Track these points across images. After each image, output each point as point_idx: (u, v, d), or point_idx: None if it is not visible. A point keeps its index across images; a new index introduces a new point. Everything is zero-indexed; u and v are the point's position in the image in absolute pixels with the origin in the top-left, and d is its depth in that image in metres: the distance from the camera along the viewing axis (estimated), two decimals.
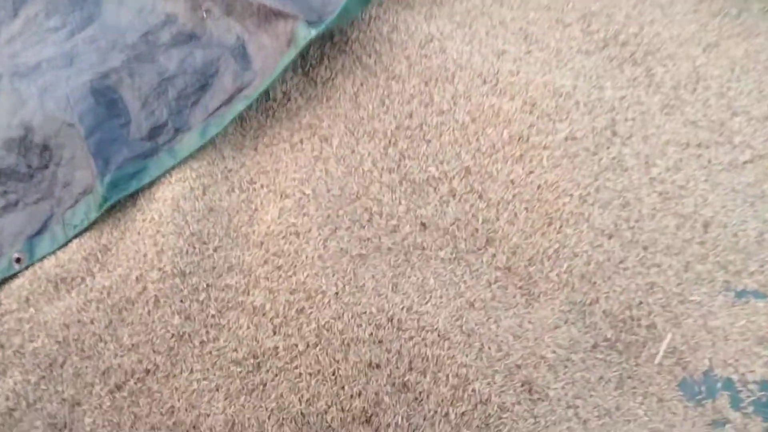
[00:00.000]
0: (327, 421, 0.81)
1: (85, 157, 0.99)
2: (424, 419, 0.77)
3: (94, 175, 0.95)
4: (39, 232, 1.02)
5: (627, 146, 0.96)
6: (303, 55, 1.01)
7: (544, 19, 1.03)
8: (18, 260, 1.01)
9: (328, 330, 0.83)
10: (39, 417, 0.87)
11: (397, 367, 0.79)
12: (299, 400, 0.82)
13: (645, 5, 1.08)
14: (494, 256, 0.91)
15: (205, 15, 1.01)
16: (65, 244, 1.00)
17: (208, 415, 0.84)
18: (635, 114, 0.99)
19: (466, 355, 0.78)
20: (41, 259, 0.99)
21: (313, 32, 0.87)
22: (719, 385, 0.85)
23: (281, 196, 0.93)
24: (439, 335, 0.80)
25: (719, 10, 1.11)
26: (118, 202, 1.00)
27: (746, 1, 1.14)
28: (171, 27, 1.04)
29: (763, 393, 0.85)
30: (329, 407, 0.80)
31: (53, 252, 1.00)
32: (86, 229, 0.99)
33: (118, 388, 0.89)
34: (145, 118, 0.99)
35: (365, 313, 0.82)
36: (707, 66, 1.07)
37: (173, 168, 0.96)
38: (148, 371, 0.89)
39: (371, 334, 0.81)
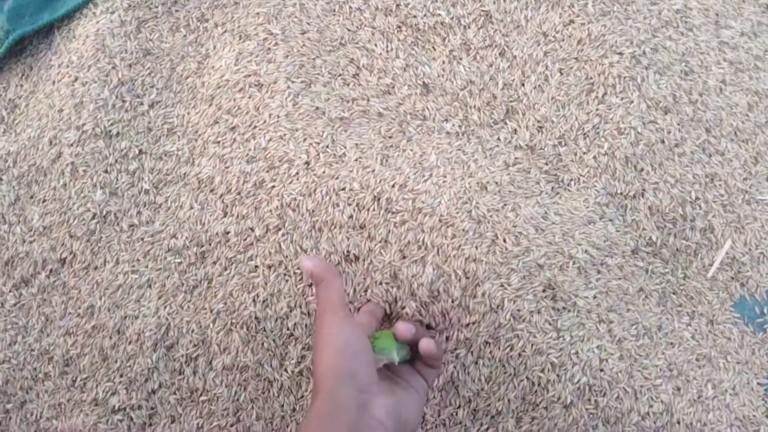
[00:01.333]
0: (288, 328, 0.62)
1: None
2: None
3: None
4: None
5: None
6: None
7: None
8: None
9: (294, 210, 0.63)
10: None
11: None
12: (253, 300, 0.63)
13: None
14: (515, 131, 0.70)
15: None
16: None
17: (137, 317, 0.65)
18: None
19: (475, 247, 0.59)
20: None
21: None
22: None
23: (240, 37, 0.70)
24: (440, 220, 0.60)
25: None
26: (30, 42, 0.77)
27: None
28: None
29: None
30: (291, 310, 0.62)
31: None
32: None
33: (26, 282, 0.70)
34: None
35: (344, 189, 0.62)
36: None
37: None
38: (63, 261, 0.69)
39: (350, 216, 0.61)
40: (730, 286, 0.69)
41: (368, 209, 0.61)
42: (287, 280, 0.62)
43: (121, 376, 0.65)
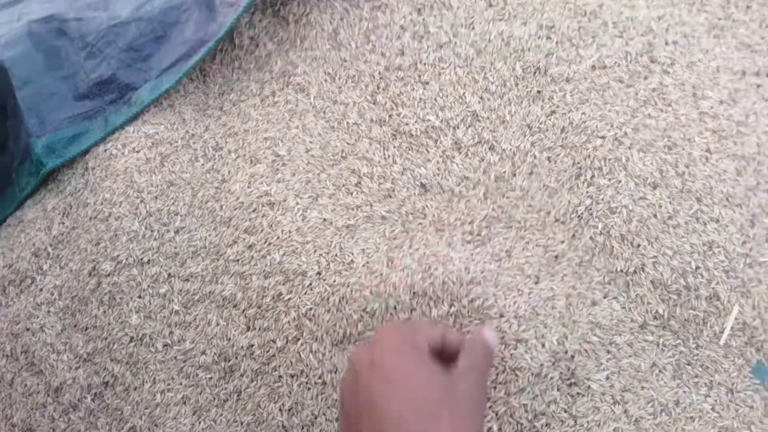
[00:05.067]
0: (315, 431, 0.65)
1: (19, 109, 0.85)
2: None
3: (28, 134, 0.81)
4: (1, 190, 0.89)
5: (669, 75, 0.78)
6: None
7: None
8: None
9: (310, 320, 0.67)
10: None
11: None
12: (280, 409, 0.67)
13: None
14: (512, 217, 0.74)
15: None
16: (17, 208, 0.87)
17: None
18: (677, 36, 0.81)
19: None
20: None
21: None
22: None
23: (251, 161, 0.77)
24: (451, 322, 0.64)
25: None
26: (70, 183, 0.85)
27: None
28: None
29: None
30: (316, 417, 0.65)
31: (1, 251, 0.86)
32: (35, 221, 0.85)
33: (73, 407, 0.75)
34: (90, 71, 0.84)
35: (355, 297, 0.66)
36: None
37: (124, 135, 0.81)
38: (106, 384, 0.75)
39: (363, 323, 0.65)
40: (745, 351, 0.70)
41: (378, 315, 0.65)
42: (309, 389, 0.66)
43: None
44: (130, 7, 0.84)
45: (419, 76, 0.77)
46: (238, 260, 0.73)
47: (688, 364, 0.69)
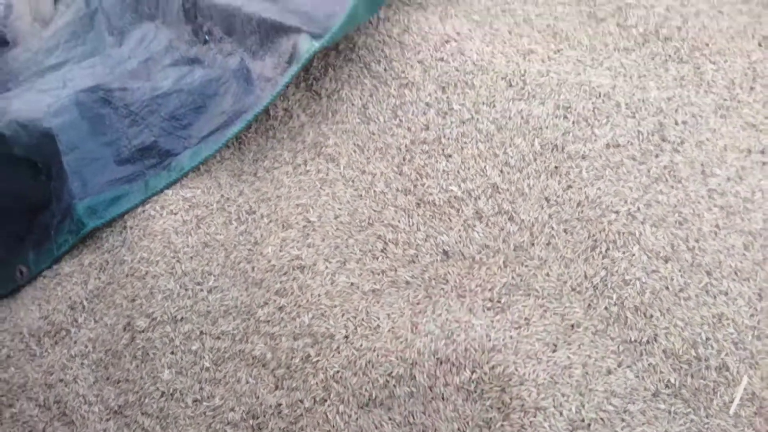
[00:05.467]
0: None
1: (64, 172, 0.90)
2: None
3: (70, 196, 0.86)
4: (39, 245, 0.93)
5: (679, 153, 0.83)
6: (306, 67, 0.91)
7: (575, 14, 0.91)
8: (21, 273, 0.93)
9: (337, 382, 0.71)
10: None
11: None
12: None
13: None
14: (531, 286, 0.78)
15: (207, 38, 0.92)
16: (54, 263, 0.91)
17: None
18: (686, 117, 0.86)
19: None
20: (24, 312, 0.89)
21: (317, 45, 0.77)
22: None
23: (283, 226, 0.82)
24: (471, 389, 0.67)
25: None
26: (107, 240, 0.90)
27: None
28: (173, 53, 0.95)
29: None
30: None
31: (38, 302, 0.90)
32: (72, 274, 0.89)
33: None
34: (133, 138, 0.89)
35: (381, 361, 0.70)
36: (765, 61, 0.93)
37: (163, 197, 0.86)
38: None
39: (388, 387, 0.69)
40: (754, 421, 0.72)
41: (404, 379, 0.69)
42: None
43: None
44: (172, 78, 0.91)
45: (443, 150, 0.82)
46: (268, 321, 0.77)
47: (700, 431, 0.72)
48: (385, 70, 0.85)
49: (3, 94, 1.02)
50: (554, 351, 0.73)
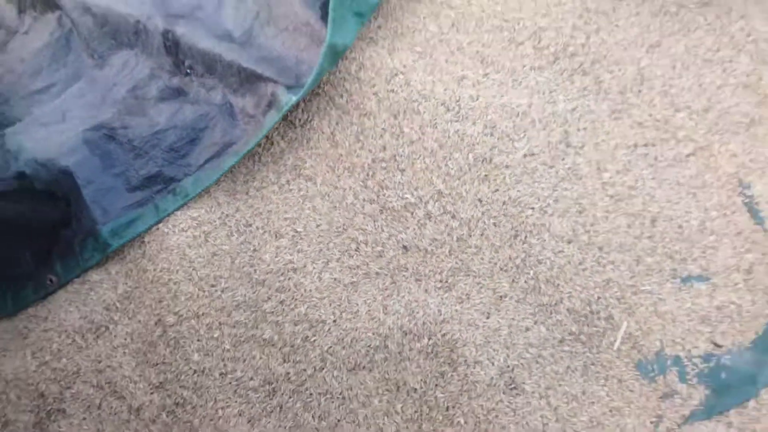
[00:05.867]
0: (340, 429, 0.94)
1: (80, 202, 1.07)
2: (426, 424, 0.91)
3: (94, 221, 1.04)
4: (63, 258, 1.11)
5: (580, 155, 1.07)
6: None
7: (498, 40, 1.10)
8: (51, 281, 1.12)
9: (331, 355, 0.96)
10: None
11: (398, 385, 0.93)
12: (312, 417, 0.95)
13: (590, 15, 1.15)
14: (470, 268, 1.03)
15: (189, 72, 1.07)
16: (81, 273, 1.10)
17: None
18: (586, 123, 1.09)
19: (455, 366, 0.92)
20: (64, 313, 1.09)
21: (294, 98, 0.95)
22: (669, 362, 1.00)
23: (276, 236, 1.03)
24: (428, 351, 0.93)
25: (659, 9, 1.19)
26: (128, 253, 1.09)
27: None
28: (157, 81, 1.10)
29: (705, 365, 1.00)
30: (339, 421, 0.94)
31: (75, 305, 1.10)
32: (102, 281, 1.09)
33: (152, 421, 1.02)
34: (139, 168, 1.07)
35: (362, 338, 0.95)
36: (651, 66, 1.15)
37: (174, 217, 1.05)
38: (177, 404, 1.02)
39: (369, 355, 0.94)
40: (630, 353, 1.01)
41: (380, 349, 0.94)
42: (333, 402, 0.94)
43: None
44: (165, 115, 1.07)
45: (398, 166, 1.04)
46: (272, 312, 1.00)
47: (592, 365, 1.00)
48: (346, 102, 1.04)
49: (7, 129, 1.15)
50: (488, 318, 0.99)
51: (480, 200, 1.04)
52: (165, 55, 1.12)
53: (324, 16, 0.97)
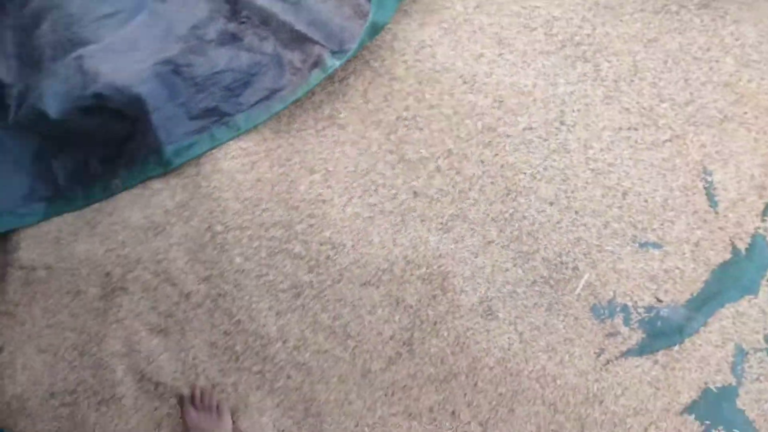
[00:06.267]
0: (349, 329, 1.19)
1: (148, 124, 1.28)
2: (415, 326, 1.16)
3: (158, 142, 1.25)
4: (127, 167, 1.33)
5: (571, 133, 1.27)
6: None
7: (515, 24, 1.27)
8: (116, 185, 1.34)
9: (348, 271, 1.19)
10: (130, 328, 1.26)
11: (399, 300, 1.17)
12: (328, 317, 1.20)
13: (599, 8, 1.31)
14: (467, 216, 1.25)
15: (245, 20, 1.25)
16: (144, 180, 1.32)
17: (265, 326, 1.23)
18: (581, 105, 1.28)
19: (450, 292, 1.16)
20: (129, 212, 1.32)
21: (338, 63, 1.14)
22: (618, 309, 1.23)
23: (310, 171, 1.25)
24: (425, 278, 1.16)
25: (662, 7, 1.35)
26: (186, 170, 1.31)
27: None
28: (215, 24, 1.29)
29: (646, 314, 1.23)
30: (348, 323, 1.19)
31: (138, 206, 1.33)
32: (162, 190, 1.32)
33: (199, 306, 1.27)
34: (199, 101, 1.27)
35: (373, 262, 1.18)
36: (645, 60, 1.33)
37: (226, 146, 1.26)
38: (219, 295, 1.26)
39: (377, 275, 1.18)
40: (588, 298, 1.24)
41: (387, 271, 1.17)
42: (345, 308, 1.19)
43: None
44: (224, 58, 1.26)
45: (417, 125, 1.24)
46: (303, 232, 1.23)
47: (556, 304, 1.24)
48: (380, 66, 1.23)
49: (81, 48, 1.33)
50: (476, 257, 1.22)
51: (482, 161, 1.25)
52: (224, 1, 1.30)
53: None
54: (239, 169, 1.26)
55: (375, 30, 1.15)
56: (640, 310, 1.23)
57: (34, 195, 1.32)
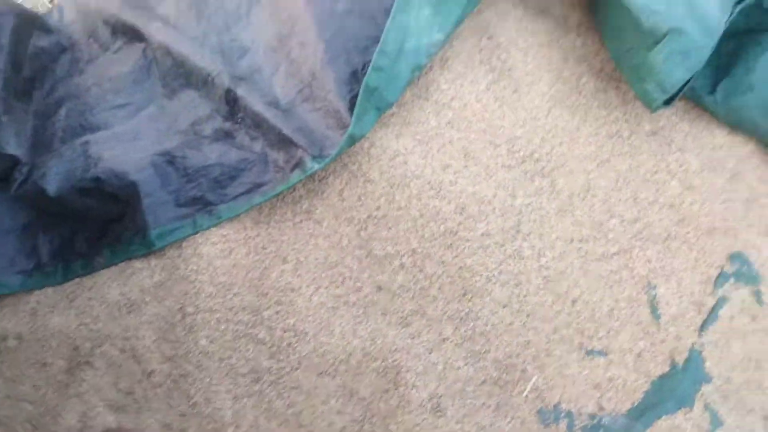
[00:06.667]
0: (301, 418, 1.24)
1: (138, 208, 1.38)
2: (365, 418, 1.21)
3: (145, 225, 1.34)
4: (112, 245, 1.40)
5: (526, 241, 1.37)
6: None
7: (481, 141, 1.41)
8: (99, 262, 1.40)
9: (307, 360, 1.26)
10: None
11: (353, 392, 1.23)
12: (283, 404, 1.25)
13: (557, 130, 1.45)
14: (425, 312, 1.33)
15: (239, 121, 1.38)
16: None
17: (221, 409, 1.27)
18: (536, 216, 1.39)
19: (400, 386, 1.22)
20: (107, 288, 1.39)
21: (317, 167, 1.26)
22: (563, 414, 1.30)
23: (283, 260, 1.34)
24: (380, 371, 1.23)
25: (615, 132, 1.50)
26: (168, 252, 1.39)
27: (638, 124, 1.52)
28: (213, 122, 1.41)
29: (589, 422, 1.29)
30: (301, 411, 1.24)
31: (116, 283, 1.40)
32: (143, 269, 1.39)
33: (159, 385, 1.31)
34: (188, 191, 1.38)
35: (332, 351, 1.25)
36: (598, 178, 1.46)
37: (208, 233, 1.36)
38: (181, 375, 1.31)
39: (335, 367, 1.24)
40: (534, 401, 1.30)
41: (345, 362, 1.24)
42: (301, 396, 1.24)
43: None
44: (216, 153, 1.37)
45: (386, 224, 1.34)
46: (269, 318, 1.30)
47: (504, 405, 1.29)
48: (357, 169, 1.35)
49: (90, 134, 1.45)
50: (430, 353, 1.29)
51: (443, 262, 1.34)
52: (224, 104, 1.44)
53: (351, 108, 1.28)
54: (218, 254, 1.35)
55: (353, 140, 1.28)
56: (584, 417, 1.29)
57: (14, 267, 1.39)
